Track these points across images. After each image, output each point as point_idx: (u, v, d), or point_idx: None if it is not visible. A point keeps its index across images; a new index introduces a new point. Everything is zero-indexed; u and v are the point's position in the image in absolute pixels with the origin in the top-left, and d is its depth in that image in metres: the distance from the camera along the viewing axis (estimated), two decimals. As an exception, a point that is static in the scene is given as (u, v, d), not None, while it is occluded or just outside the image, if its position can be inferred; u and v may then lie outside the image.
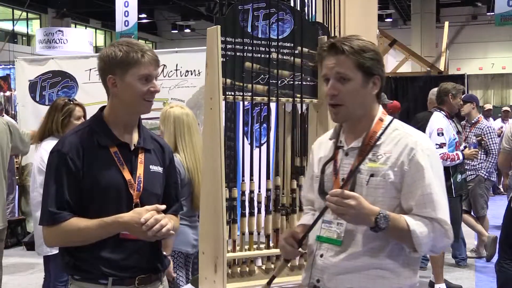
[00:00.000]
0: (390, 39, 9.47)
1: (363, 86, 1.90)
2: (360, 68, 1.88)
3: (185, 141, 3.46)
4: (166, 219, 2.01)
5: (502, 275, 4.27)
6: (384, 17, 22.83)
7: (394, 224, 1.80)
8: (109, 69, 2.06)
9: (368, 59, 1.88)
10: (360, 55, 1.87)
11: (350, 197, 1.77)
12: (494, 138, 6.46)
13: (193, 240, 3.50)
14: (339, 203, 1.77)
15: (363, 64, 1.87)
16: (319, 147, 2.11)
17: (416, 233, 1.80)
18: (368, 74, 1.89)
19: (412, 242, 1.82)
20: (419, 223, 1.82)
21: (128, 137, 2.14)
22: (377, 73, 1.91)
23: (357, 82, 1.89)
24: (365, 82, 1.90)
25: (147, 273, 2.13)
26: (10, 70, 14.28)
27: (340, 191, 1.78)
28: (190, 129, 3.48)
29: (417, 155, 1.85)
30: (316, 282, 1.95)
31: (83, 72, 6.60)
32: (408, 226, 1.81)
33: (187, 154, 3.46)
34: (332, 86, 1.90)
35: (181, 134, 3.45)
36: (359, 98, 1.91)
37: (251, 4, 2.64)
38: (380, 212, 1.78)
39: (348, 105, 1.91)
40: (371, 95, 1.93)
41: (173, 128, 3.46)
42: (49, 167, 2.07)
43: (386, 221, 1.78)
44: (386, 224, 1.78)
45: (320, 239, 1.96)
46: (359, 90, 1.90)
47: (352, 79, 1.88)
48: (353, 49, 1.87)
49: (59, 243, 2.12)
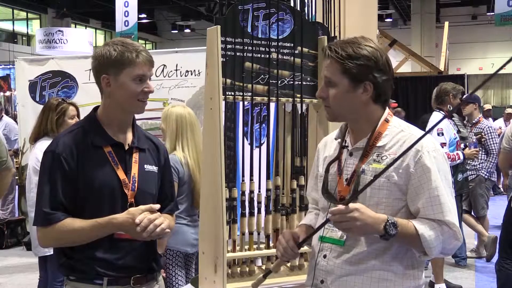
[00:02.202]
0: (390, 39, 9.46)
1: (350, 91, 1.87)
2: (347, 74, 1.86)
3: (188, 139, 3.47)
4: (161, 219, 2.00)
5: (502, 275, 4.27)
6: (384, 17, 22.82)
7: (402, 230, 1.79)
8: (103, 68, 2.06)
9: (357, 65, 1.84)
10: (347, 61, 1.85)
11: (352, 210, 1.74)
12: (494, 138, 6.46)
13: (192, 239, 3.50)
14: (343, 219, 1.75)
15: (349, 70, 1.85)
16: (325, 147, 2.11)
17: (425, 237, 1.79)
18: (356, 80, 1.87)
19: (422, 246, 1.80)
20: (428, 226, 1.81)
21: (122, 137, 2.13)
22: (368, 79, 1.86)
23: (343, 87, 1.87)
24: (352, 88, 1.87)
25: (142, 273, 2.13)
26: (10, 70, 14.29)
27: (340, 209, 1.75)
28: (192, 127, 3.49)
29: (423, 157, 1.83)
30: (320, 283, 1.94)
31: (83, 72, 6.59)
32: (417, 230, 1.79)
33: (189, 152, 3.46)
34: (320, 89, 1.95)
35: (183, 131, 3.47)
36: (346, 102, 1.89)
37: (251, 4, 2.63)
38: (388, 219, 1.77)
39: (334, 108, 1.91)
40: (361, 100, 1.89)
41: (175, 126, 3.47)
42: (43, 168, 2.06)
43: (395, 227, 1.77)
44: (395, 231, 1.76)
45: (323, 239, 1.96)
46: (345, 95, 1.88)
47: (337, 84, 1.88)
48: (340, 54, 1.86)
49: (54, 243, 2.11)
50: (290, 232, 2.02)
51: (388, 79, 1.90)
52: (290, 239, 1.95)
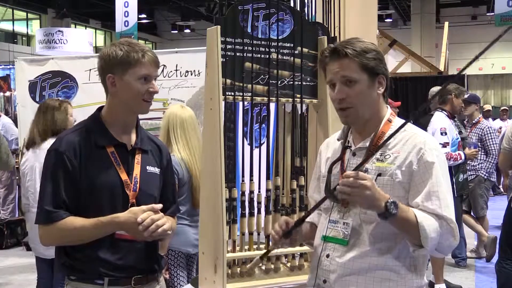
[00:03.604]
0: (390, 39, 9.45)
1: (370, 86, 1.91)
2: (365, 69, 1.89)
3: (178, 135, 3.45)
4: (163, 219, 2.01)
5: (502, 275, 4.27)
6: (384, 17, 22.80)
7: (402, 213, 1.78)
8: (109, 68, 2.06)
9: (371, 59, 1.90)
10: (363, 56, 1.89)
11: (366, 178, 1.75)
12: (494, 138, 6.46)
13: (194, 240, 3.49)
14: (354, 184, 1.73)
15: (367, 64, 1.89)
16: (327, 148, 2.12)
17: (423, 226, 1.79)
18: (373, 74, 1.91)
19: (419, 235, 1.79)
20: (427, 216, 1.81)
21: (126, 138, 2.14)
22: (381, 72, 1.92)
23: (364, 83, 1.90)
24: (371, 82, 1.91)
25: (143, 273, 2.13)
26: (10, 70, 14.27)
27: (355, 173, 1.75)
28: (183, 123, 3.47)
29: (426, 154, 1.86)
30: (323, 283, 1.94)
31: (83, 73, 6.59)
32: (416, 217, 1.80)
33: (181, 148, 3.44)
34: (339, 91, 1.91)
35: (174, 127, 3.46)
36: (367, 98, 1.92)
37: (251, 4, 2.64)
38: (390, 198, 1.77)
39: (357, 107, 1.92)
40: (378, 94, 1.95)
41: (165, 122, 3.48)
42: (46, 166, 2.07)
43: (396, 207, 1.76)
44: (395, 210, 1.75)
45: (326, 239, 1.96)
46: (366, 91, 1.91)
47: (358, 81, 1.90)
48: (356, 51, 1.89)
49: (55, 242, 2.11)
50: (285, 218, 1.98)
51: None
52: (283, 224, 1.93)
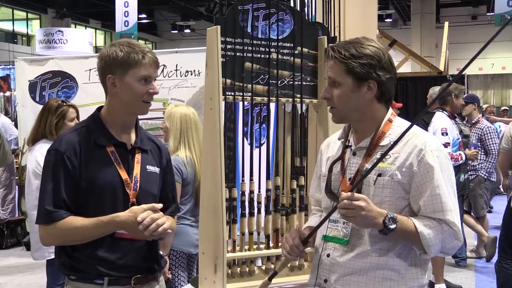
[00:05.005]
0: (390, 39, 9.45)
1: (355, 90, 1.90)
2: (350, 73, 1.88)
3: (193, 138, 3.48)
4: (163, 218, 2.01)
5: (502, 275, 4.27)
6: (384, 17, 22.82)
7: (402, 226, 1.80)
8: (109, 68, 2.07)
9: (361, 64, 1.87)
10: (352, 60, 1.87)
11: (359, 199, 1.77)
12: (494, 138, 6.46)
13: (195, 240, 3.48)
14: (349, 206, 1.76)
15: (353, 69, 1.88)
16: (327, 147, 2.13)
17: (424, 235, 1.80)
18: (360, 79, 1.89)
19: (421, 244, 1.81)
20: (427, 224, 1.82)
21: (125, 137, 2.14)
22: (372, 78, 1.88)
23: (347, 87, 1.90)
24: (356, 87, 1.90)
25: (143, 273, 2.13)
26: (10, 70, 14.28)
27: (349, 195, 1.78)
28: (197, 126, 3.50)
29: (427, 156, 1.85)
30: (324, 282, 1.95)
31: (83, 73, 6.60)
32: (416, 228, 1.81)
33: (195, 151, 3.46)
34: (325, 90, 1.96)
35: (187, 130, 3.47)
36: (351, 102, 1.91)
37: (251, 4, 2.63)
38: (388, 213, 1.79)
39: (339, 108, 1.93)
40: (366, 99, 1.91)
41: (179, 125, 3.47)
42: (46, 166, 2.07)
43: (394, 222, 1.78)
44: (394, 225, 1.78)
45: (326, 238, 1.96)
46: (349, 95, 1.90)
47: (342, 84, 1.90)
48: (343, 55, 1.88)
49: (56, 241, 2.11)
50: (296, 230, 2.03)
51: (391, 78, 1.92)
52: (296, 237, 1.95)
